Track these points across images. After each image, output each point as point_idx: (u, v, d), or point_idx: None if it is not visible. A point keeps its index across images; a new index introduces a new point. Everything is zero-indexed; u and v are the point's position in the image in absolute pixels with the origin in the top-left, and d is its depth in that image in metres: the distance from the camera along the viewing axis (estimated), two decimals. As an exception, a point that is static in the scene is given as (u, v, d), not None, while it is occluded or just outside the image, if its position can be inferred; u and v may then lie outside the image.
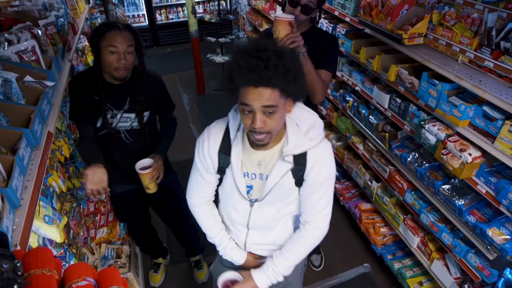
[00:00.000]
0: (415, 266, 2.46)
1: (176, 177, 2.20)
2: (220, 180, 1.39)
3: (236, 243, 1.53)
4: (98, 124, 1.76)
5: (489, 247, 1.70)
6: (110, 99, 1.72)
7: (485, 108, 1.66)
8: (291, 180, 1.26)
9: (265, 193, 1.29)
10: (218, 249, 1.53)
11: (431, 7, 2.01)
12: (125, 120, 1.79)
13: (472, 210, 1.81)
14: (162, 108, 1.93)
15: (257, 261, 1.53)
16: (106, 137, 1.82)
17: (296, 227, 1.48)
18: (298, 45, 1.48)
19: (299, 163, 1.22)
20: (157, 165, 1.79)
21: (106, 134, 1.80)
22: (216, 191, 1.48)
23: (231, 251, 1.50)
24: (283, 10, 1.82)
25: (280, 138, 1.24)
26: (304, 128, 1.22)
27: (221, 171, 1.33)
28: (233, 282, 1.42)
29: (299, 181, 1.27)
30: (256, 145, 1.20)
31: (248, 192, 1.33)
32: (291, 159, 1.21)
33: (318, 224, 1.36)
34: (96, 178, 1.60)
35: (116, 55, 1.58)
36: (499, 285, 1.73)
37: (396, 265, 2.50)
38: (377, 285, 2.56)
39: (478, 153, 1.72)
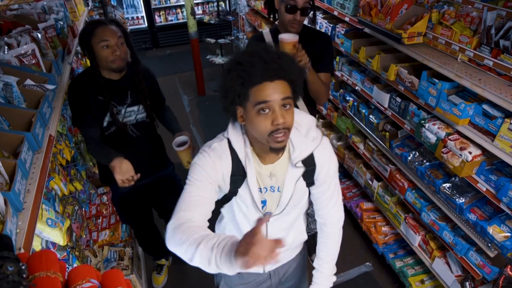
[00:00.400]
0: (416, 265, 2.47)
1: (174, 167, 2.26)
2: (226, 200, 1.30)
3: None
4: (104, 124, 1.79)
5: (489, 245, 1.71)
6: (112, 96, 1.76)
7: (485, 106, 1.66)
8: (303, 183, 1.25)
9: (283, 206, 1.25)
10: (214, 268, 0.90)
11: (430, 6, 2.01)
12: (129, 115, 1.84)
13: (473, 208, 1.82)
14: (157, 98, 2.01)
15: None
16: (113, 136, 1.83)
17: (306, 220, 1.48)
18: (305, 63, 1.59)
19: (307, 164, 1.21)
20: (191, 138, 1.85)
21: (113, 132, 1.83)
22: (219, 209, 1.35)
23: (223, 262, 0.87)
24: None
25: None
26: (304, 130, 1.21)
27: (233, 192, 1.24)
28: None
29: (309, 182, 1.27)
30: (275, 150, 1.12)
31: (262, 208, 1.29)
32: (301, 163, 1.20)
33: (336, 216, 1.37)
34: (124, 168, 1.65)
35: (110, 48, 1.63)
36: (500, 282, 1.74)
37: (398, 264, 2.50)
38: (379, 284, 2.57)
39: (478, 151, 1.73)
